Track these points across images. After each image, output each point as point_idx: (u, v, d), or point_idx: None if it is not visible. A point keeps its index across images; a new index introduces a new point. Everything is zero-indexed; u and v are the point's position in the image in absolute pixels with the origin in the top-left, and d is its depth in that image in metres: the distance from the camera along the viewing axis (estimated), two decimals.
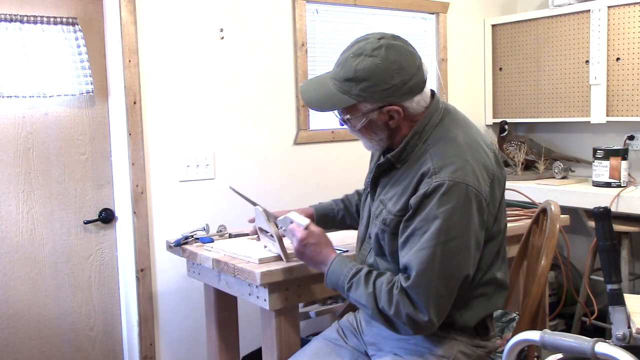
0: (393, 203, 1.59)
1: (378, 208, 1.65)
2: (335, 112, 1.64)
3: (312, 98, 1.63)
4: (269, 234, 1.91)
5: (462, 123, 1.64)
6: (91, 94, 2.52)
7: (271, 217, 1.90)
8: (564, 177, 3.50)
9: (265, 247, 2.00)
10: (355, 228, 1.92)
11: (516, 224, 2.36)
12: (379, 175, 1.68)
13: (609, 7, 3.22)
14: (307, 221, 1.73)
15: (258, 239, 2.08)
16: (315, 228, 1.72)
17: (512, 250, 2.27)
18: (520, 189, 2.95)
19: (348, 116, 1.60)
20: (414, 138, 1.60)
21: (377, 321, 1.56)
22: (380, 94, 1.54)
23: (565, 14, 3.44)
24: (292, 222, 1.77)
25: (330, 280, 1.65)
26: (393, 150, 1.64)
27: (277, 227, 1.87)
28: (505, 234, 1.68)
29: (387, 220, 1.59)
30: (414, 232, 1.50)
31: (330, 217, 2.06)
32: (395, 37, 1.58)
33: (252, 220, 2.04)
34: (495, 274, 1.63)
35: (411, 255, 1.49)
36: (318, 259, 1.69)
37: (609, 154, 3.18)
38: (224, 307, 2.35)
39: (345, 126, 1.67)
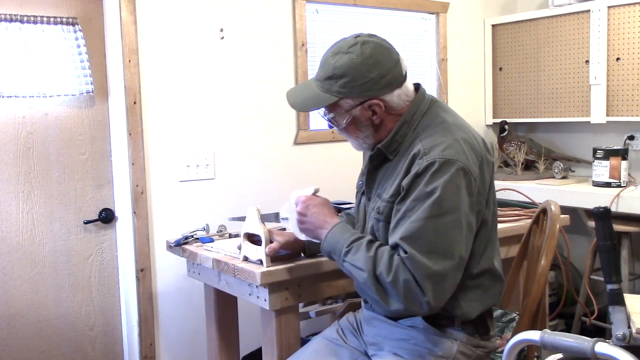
0: (387, 191, 1.61)
1: (374, 202, 1.66)
2: (321, 112, 1.68)
3: (296, 100, 1.68)
4: (255, 238, 1.90)
5: (450, 110, 1.69)
6: (91, 94, 2.52)
7: (273, 218, 1.90)
8: (564, 177, 3.50)
9: (245, 258, 1.94)
10: None
11: (516, 224, 2.36)
12: (374, 169, 1.69)
13: (609, 7, 3.21)
14: (312, 189, 1.74)
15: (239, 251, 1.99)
16: (320, 195, 1.74)
17: (512, 250, 2.27)
18: (520, 189, 2.96)
19: (332, 114, 1.64)
20: (403, 127, 1.62)
21: (369, 290, 1.52)
22: (359, 88, 1.58)
23: (565, 14, 3.44)
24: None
25: (329, 242, 1.62)
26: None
27: (276, 222, 1.87)
28: (496, 223, 1.69)
29: (381, 208, 1.60)
30: (405, 214, 1.50)
31: None
32: (371, 35, 1.63)
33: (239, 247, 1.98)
34: (489, 264, 1.64)
35: (402, 230, 1.49)
36: (319, 223, 1.67)
37: (609, 154, 3.18)
38: (224, 307, 2.35)
39: (333, 128, 1.70)
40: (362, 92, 1.58)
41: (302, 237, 1.77)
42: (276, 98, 3.01)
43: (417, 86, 1.69)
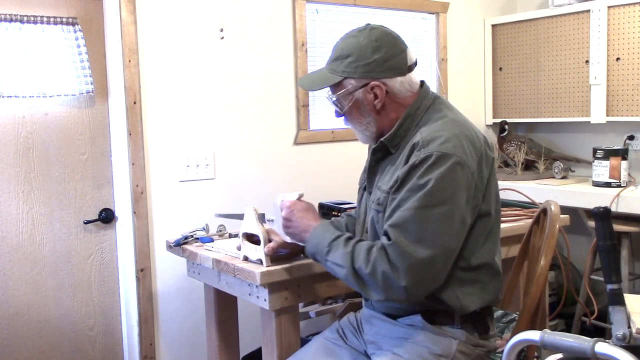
0: (386, 183, 1.63)
1: (375, 194, 1.67)
2: (328, 95, 1.72)
3: (306, 81, 1.77)
4: (254, 238, 1.90)
5: (452, 108, 1.72)
6: (91, 94, 2.52)
7: (261, 218, 1.89)
8: (564, 177, 3.50)
9: (245, 257, 1.95)
10: None
11: (516, 224, 2.37)
12: (376, 163, 1.72)
13: (609, 7, 3.22)
14: (297, 194, 1.78)
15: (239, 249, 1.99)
16: (304, 200, 1.77)
17: (513, 250, 2.27)
18: (520, 189, 2.95)
19: (337, 95, 1.69)
20: (406, 121, 1.66)
21: (350, 283, 1.57)
22: (362, 68, 1.63)
23: (565, 14, 3.44)
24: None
25: (312, 244, 1.65)
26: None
27: (264, 224, 1.87)
28: (499, 219, 1.70)
29: (381, 199, 1.62)
30: (400, 204, 1.52)
31: None
32: (382, 26, 1.70)
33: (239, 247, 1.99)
34: (489, 259, 1.64)
35: (392, 218, 1.51)
36: (303, 227, 1.70)
37: (609, 154, 3.18)
38: (224, 307, 2.35)
39: (340, 117, 1.74)
40: (364, 72, 1.63)
41: (288, 239, 1.80)
42: (276, 98, 3.01)
43: (421, 83, 1.73)
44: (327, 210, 2.65)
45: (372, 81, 1.63)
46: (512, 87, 3.77)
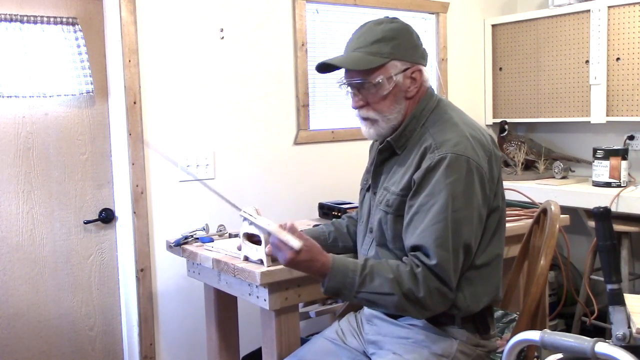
0: (396, 184, 1.62)
1: (381, 195, 1.67)
2: (357, 80, 1.62)
3: (342, 61, 1.64)
4: (255, 238, 1.89)
5: (456, 109, 1.73)
6: (91, 94, 2.52)
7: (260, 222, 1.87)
8: (564, 177, 3.50)
9: (246, 257, 1.94)
10: (349, 251, 1.92)
11: (516, 224, 2.36)
12: (381, 164, 1.72)
13: (609, 7, 3.21)
14: (298, 245, 1.51)
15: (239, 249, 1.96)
16: (305, 245, 1.52)
17: (513, 250, 2.27)
18: (520, 189, 2.96)
19: (379, 79, 1.60)
20: (412, 122, 1.65)
21: (402, 310, 1.51)
22: (408, 51, 1.63)
23: (565, 14, 3.44)
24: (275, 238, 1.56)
25: (335, 281, 1.53)
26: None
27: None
28: (504, 214, 1.71)
29: (390, 201, 1.62)
30: (420, 209, 1.52)
31: (320, 240, 1.88)
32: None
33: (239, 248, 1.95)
34: (494, 257, 1.65)
35: (422, 232, 1.51)
36: (313, 271, 1.56)
37: (609, 154, 3.18)
38: (224, 307, 2.35)
39: (357, 110, 1.66)
40: (410, 55, 1.63)
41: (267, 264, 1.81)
42: (276, 98, 3.01)
43: None
44: (327, 210, 2.65)
45: (415, 65, 1.64)
46: (512, 87, 3.77)
